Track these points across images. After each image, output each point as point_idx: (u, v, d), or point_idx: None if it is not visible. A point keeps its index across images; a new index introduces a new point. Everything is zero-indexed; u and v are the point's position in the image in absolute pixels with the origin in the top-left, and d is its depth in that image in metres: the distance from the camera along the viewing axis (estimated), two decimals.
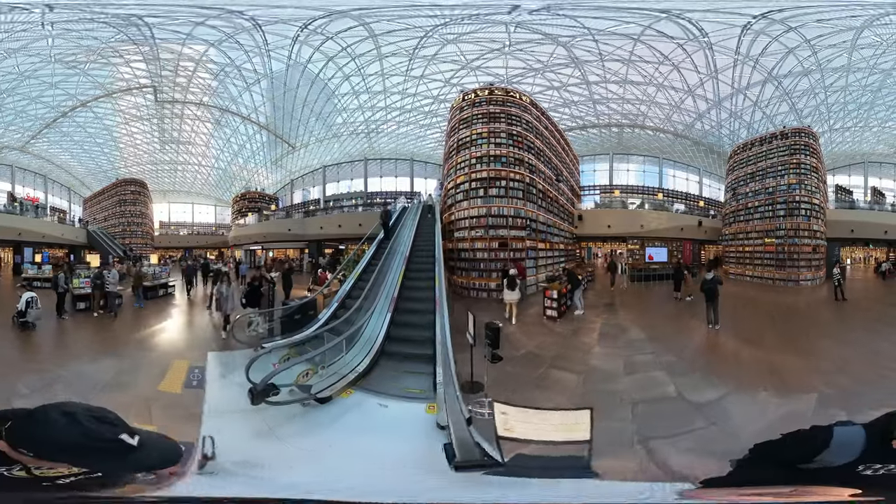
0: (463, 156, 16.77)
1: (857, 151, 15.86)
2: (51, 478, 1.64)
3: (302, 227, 25.05)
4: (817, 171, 15.40)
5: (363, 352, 7.29)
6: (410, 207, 19.56)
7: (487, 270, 15.37)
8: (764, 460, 2.07)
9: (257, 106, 22.61)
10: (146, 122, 20.69)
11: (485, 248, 15.43)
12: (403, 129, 27.61)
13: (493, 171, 16.16)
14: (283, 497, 2.62)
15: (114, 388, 5.72)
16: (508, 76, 16.08)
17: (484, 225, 15.63)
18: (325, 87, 20.65)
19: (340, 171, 30.00)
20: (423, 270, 11.18)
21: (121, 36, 14.72)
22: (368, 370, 6.81)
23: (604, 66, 14.76)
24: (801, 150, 15.57)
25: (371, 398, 5.54)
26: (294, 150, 28.31)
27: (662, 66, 14.42)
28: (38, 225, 18.99)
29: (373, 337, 7.67)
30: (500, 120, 16.63)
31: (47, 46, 14.49)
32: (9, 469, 1.58)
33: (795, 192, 15.44)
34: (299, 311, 9.51)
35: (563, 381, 6.13)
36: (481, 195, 16.11)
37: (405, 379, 6.26)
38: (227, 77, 18.98)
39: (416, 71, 20.06)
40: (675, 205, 19.06)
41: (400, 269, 10.40)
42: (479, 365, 5.96)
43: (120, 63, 16.27)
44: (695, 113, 16.55)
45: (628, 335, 8.70)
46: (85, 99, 18.10)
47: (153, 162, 23.09)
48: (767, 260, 15.28)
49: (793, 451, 1.97)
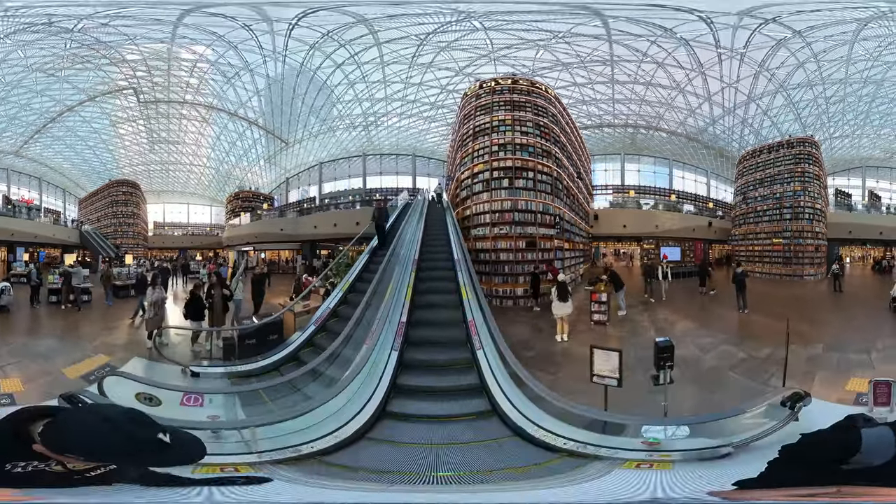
0: (482, 142, 15.32)
1: (856, 157, 17.51)
2: (93, 476, 1.77)
3: (295, 227, 24.51)
4: (819, 178, 17.61)
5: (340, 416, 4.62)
6: (414, 203, 18.35)
7: (513, 275, 13.75)
8: (795, 462, 2.11)
9: (244, 101, 22.40)
10: (132, 123, 21.29)
11: (510, 249, 13.93)
12: (405, 121, 26.99)
13: (519, 161, 14.79)
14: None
15: (35, 357, 7.36)
16: (535, 67, 15.94)
17: (509, 221, 14.10)
18: (315, 76, 20.49)
19: (338, 169, 29.43)
20: (438, 271, 9.26)
21: (86, 38, 15.48)
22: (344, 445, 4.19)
23: (639, 66, 15.24)
24: (805, 159, 17.50)
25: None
26: (288, 146, 27.42)
27: (692, 72, 15.09)
28: (30, 226, 20.05)
29: (362, 394, 5.05)
30: (525, 109, 15.64)
31: (22, 57, 15.48)
32: (48, 464, 1.68)
33: (800, 198, 17.38)
34: (255, 335, 7.71)
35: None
36: (506, 186, 14.57)
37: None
38: (208, 73, 19.32)
39: (423, 58, 19.04)
40: (685, 206, 20.02)
41: (407, 281, 7.68)
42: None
43: (93, 67, 17.11)
44: (709, 118, 17.46)
45: (680, 326, 10.48)
46: (71, 104, 18.91)
47: (144, 163, 23.69)
48: (775, 258, 16.67)
49: (824, 452, 2.00)
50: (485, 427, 4.79)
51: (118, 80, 18.05)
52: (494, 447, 4.43)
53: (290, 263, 25.92)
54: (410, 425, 4.84)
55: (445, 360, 6.09)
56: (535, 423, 4.53)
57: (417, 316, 7.02)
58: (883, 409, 4.04)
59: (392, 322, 6.25)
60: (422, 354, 6.18)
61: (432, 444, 4.47)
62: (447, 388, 5.51)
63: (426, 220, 13.85)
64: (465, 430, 4.77)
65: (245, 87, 21.02)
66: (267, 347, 7.38)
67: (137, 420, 1.71)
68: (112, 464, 1.78)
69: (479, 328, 6.14)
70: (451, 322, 6.96)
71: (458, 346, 6.35)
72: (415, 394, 5.36)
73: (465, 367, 5.92)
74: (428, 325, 6.97)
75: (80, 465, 1.74)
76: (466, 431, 4.74)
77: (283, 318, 8.51)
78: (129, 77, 18.07)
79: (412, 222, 13.89)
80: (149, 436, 1.66)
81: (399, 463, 4.12)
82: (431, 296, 8.13)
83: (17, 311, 11.34)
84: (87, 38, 15.28)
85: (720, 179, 20.69)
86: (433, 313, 7.46)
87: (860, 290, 15.79)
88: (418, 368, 5.87)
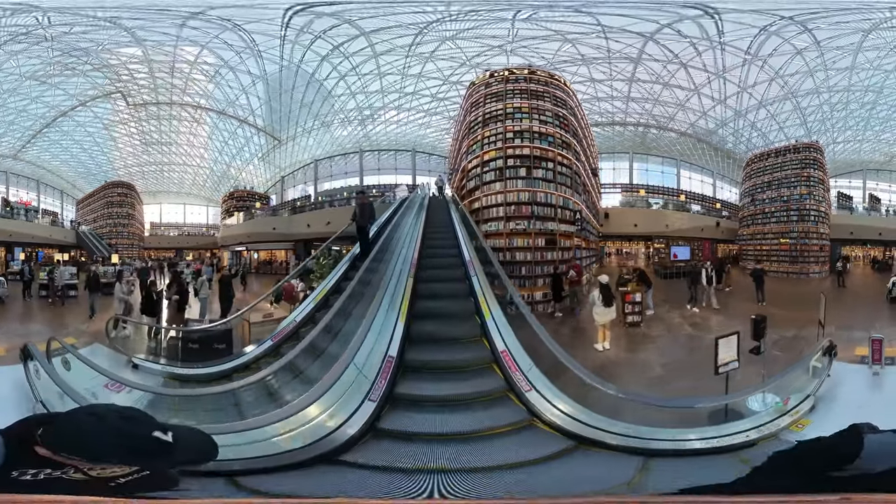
0: (494, 129, 14.36)
1: (857, 160, 18.48)
2: (104, 478, 1.76)
3: (288, 226, 24.05)
4: (823, 182, 18.91)
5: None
6: (413, 198, 17.33)
7: (531, 277, 12.56)
8: (785, 468, 2.10)
9: (232, 99, 22.41)
10: (124, 126, 22.18)
11: (527, 247, 12.91)
12: (404, 114, 26.45)
13: (537, 149, 13.80)
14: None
15: (12, 337, 8.67)
16: (554, 61, 15.77)
17: (527, 215, 12.94)
18: (300, 69, 20.61)
19: (334, 166, 28.87)
20: (444, 283, 7.39)
21: (64, 46, 16.54)
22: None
23: (665, 66, 15.42)
24: (810, 164, 18.77)
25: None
26: (281, 143, 26.66)
27: (713, 75, 15.39)
28: (28, 227, 21.36)
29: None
30: (544, 98, 15.01)
31: (16, 65, 16.85)
32: (64, 472, 1.70)
33: (806, 202, 18.67)
34: (199, 340, 7.37)
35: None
36: (522, 176, 13.46)
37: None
38: (191, 73, 19.87)
39: (423, 47, 18.60)
40: (693, 205, 20.52)
41: (397, 307, 5.58)
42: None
43: (79, 73, 18.30)
44: (720, 120, 17.94)
45: (714, 320, 11.77)
46: (64, 109, 19.98)
47: (139, 164, 24.47)
48: (782, 257, 17.23)
49: (819, 459, 1.98)
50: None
51: (105, 84, 19.21)
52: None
53: (283, 264, 25.25)
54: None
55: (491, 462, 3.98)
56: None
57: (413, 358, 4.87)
58: (877, 367, 5.20)
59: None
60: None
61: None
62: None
63: (427, 213, 12.83)
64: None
65: (230, 85, 21.16)
66: (214, 355, 6.91)
67: (131, 418, 1.69)
68: (108, 464, 1.72)
69: (523, 367, 4.38)
70: (470, 366, 4.91)
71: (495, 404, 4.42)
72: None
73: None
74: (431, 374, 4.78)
75: (104, 472, 1.70)
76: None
77: (234, 327, 7.87)
78: (115, 81, 19.16)
79: (409, 217, 12.52)
80: (143, 433, 1.62)
81: None
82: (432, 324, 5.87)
83: (11, 302, 13.79)
84: (64, 45, 16.42)
85: (725, 180, 21.43)
86: (440, 352, 5.24)
87: (861, 286, 17.74)
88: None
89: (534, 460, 4.15)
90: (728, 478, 2.24)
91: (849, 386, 4.45)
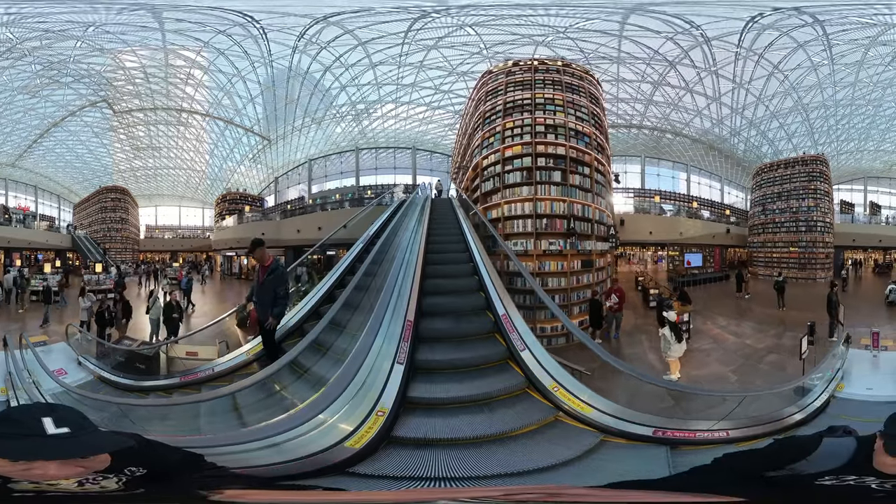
0: (520, 119, 12.15)
1: (858, 169, 19.70)
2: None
3: (277, 231, 22.98)
4: (828, 194, 21.11)
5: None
6: (413, 200, 15.07)
7: (565, 306, 10.64)
8: (726, 468, 1.90)
9: (215, 101, 22.58)
10: (113, 132, 23.48)
11: (561, 272, 10.90)
12: (403, 108, 25.73)
13: (574, 150, 11.66)
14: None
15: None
16: (591, 57, 15.37)
17: (562, 232, 10.95)
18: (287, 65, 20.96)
19: (329, 166, 28.11)
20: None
21: (41, 59, 17.58)
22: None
23: (699, 73, 15.61)
24: (817, 177, 20.68)
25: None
26: (270, 143, 25.53)
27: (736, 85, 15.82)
28: (25, 233, 22.69)
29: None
30: (580, 93, 13.11)
31: (8, 79, 18.36)
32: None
33: (813, 213, 20.64)
34: (124, 353, 8.30)
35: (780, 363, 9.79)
36: (557, 181, 11.26)
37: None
38: (173, 77, 20.71)
39: (428, 33, 17.96)
40: (703, 212, 21.24)
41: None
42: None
43: (63, 86, 19.39)
44: (733, 128, 18.55)
45: (745, 327, 12.93)
46: (55, 119, 21.35)
47: (131, 169, 25.81)
48: (792, 264, 18.26)
49: (762, 460, 1.81)
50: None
51: (88, 95, 20.33)
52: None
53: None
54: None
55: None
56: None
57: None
58: (876, 352, 7.03)
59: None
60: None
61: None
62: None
63: (429, 224, 9.90)
64: None
65: (212, 85, 21.63)
66: (136, 372, 8.02)
67: (23, 408, 1.67)
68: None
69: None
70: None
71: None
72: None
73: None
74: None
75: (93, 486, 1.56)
76: None
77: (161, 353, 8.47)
78: (97, 91, 20.24)
79: (405, 234, 9.37)
80: (27, 418, 1.42)
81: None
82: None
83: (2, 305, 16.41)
84: (41, 59, 17.47)
85: (732, 185, 22.33)
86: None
87: (863, 290, 19.98)
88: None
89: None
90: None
91: (858, 364, 6.65)
